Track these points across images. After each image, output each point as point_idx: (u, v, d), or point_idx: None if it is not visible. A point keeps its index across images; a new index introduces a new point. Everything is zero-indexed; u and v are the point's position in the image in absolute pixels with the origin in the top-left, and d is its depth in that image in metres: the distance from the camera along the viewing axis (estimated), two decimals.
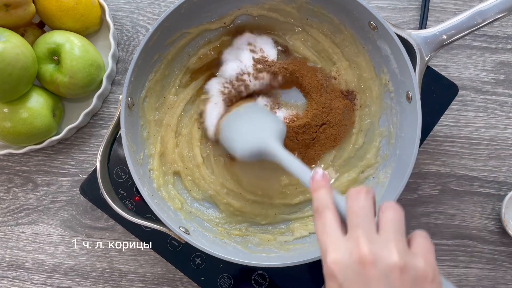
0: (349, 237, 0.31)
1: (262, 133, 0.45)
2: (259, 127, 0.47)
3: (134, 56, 0.46)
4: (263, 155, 0.44)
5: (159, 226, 0.45)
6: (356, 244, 0.30)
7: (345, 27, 0.52)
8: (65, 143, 0.60)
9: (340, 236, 0.31)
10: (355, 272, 0.29)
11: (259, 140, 0.44)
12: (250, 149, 0.45)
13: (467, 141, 0.58)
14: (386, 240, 0.30)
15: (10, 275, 0.58)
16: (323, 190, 0.34)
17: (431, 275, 0.30)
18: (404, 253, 0.30)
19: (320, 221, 0.33)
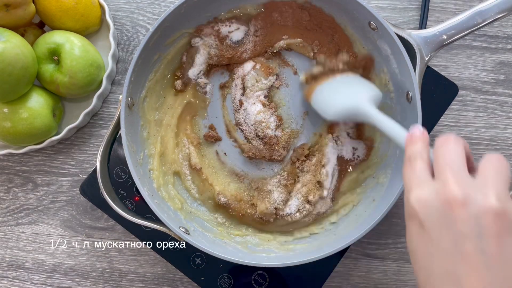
0: (437, 178, 0.28)
1: (357, 94, 0.45)
2: (355, 90, 0.47)
3: (134, 56, 0.46)
4: (356, 115, 0.44)
5: (159, 226, 0.45)
6: (444, 184, 0.27)
7: (345, 27, 0.52)
8: (65, 143, 0.60)
9: (428, 177, 0.29)
10: (440, 211, 0.27)
11: (353, 100, 0.45)
12: (343, 108, 0.45)
13: (467, 141, 0.58)
14: (483, 184, 0.27)
15: (10, 275, 0.58)
16: (420, 143, 0.32)
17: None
18: (504, 199, 0.26)
19: (409, 167, 0.31)
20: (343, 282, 0.56)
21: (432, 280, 0.27)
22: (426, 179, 0.29)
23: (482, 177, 0.28)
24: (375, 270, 0.56)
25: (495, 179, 0.27)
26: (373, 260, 0.57)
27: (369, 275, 0.56)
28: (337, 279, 0.56)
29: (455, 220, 0.26)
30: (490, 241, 0.25)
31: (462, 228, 0.26)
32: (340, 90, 0.48)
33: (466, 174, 0.28)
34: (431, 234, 0.27)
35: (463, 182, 0.27)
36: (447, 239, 0.26)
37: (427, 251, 0.28)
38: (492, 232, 0.25)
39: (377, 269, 0.56)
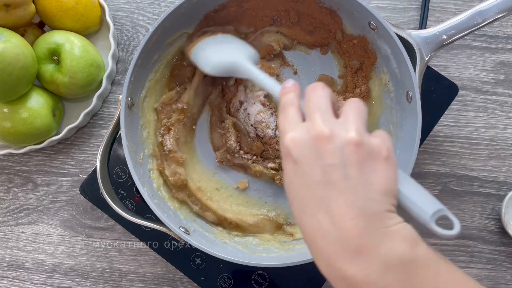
0: (307, 120, 0.32)
1: (236, 52, 0.48)
2: (234, 48, 0.49)
3: (134, 56, 0.46)
4: (233, 70, 0.46)
5: (159, 226, 0.45)
6: (313, 123, 0.31)
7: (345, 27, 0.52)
8: (65, 143, 0.60)
9: (300, 120, 0.32)
10: (310, 146, 0.30)
11: (232, 56, 0.47)
12: (222, 63, 0.47)
13: (467, 141, 0.58)
14: (345, 122, 0.31)
15: (10, 275, 0.58)
16: (292, 92, 0.35)
17: (385, 153, 0.30)
18: (362, 133, 0.30)
19: (283, 114, 0.34)
20: None
21: (306, 208, 0.30)
22: (297, 122, 0.32)
23: (344, 117, 0.31)
24: None
25: (354, 117, 0.31)
26: None
27: None
28: None
29: (323, 153, 0.30)
30: (353, 168, 0.29)
31: (330, 159, 0.29)
32: (221, 47, 0.50)
33: (332, 115, 0.32)
34: (304, 168, 0.30)
35: (329, 121, 0.31)
36: (317, 171, 0.30)
37: (301, 183, 0.31)
38: (354, 160, 0.29)
39: None
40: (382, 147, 0.30)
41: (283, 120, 0.33)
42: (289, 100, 0.34)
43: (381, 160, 0.30)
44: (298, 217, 0.31)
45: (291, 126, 0.32)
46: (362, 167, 0.29)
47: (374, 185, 0.29)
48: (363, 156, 0.30)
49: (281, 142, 0.32)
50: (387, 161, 0.30)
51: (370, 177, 0.29)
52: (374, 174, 0.30)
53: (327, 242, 0.29)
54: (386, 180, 0.30)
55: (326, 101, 0.32)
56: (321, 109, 0.32)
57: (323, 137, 0.30)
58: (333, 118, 0.31)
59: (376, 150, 0.30)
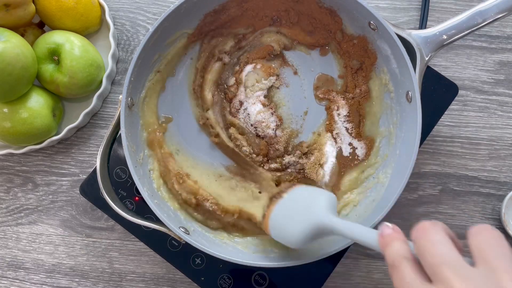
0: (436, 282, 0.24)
1: (311, 210, 0.40)
2: (306, 205, 0.42)
3: (134, 56, 0.46)
4: (320, 233, 0.39)
5: (159, 226, 0.45)
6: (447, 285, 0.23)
7: (345, 27, 0.52)
8: (65, 143, 0.60)
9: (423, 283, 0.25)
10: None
11: (310, 219, 0.40)
12: (305, 233, 0.40)
13: (467, 141, 0.58)
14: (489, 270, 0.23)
15: (10, 275, 0.58)
16: (397, 242, 0.28)
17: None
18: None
19: (397, 274, 0.26)
20: (343, 282, 0.56)
21: None
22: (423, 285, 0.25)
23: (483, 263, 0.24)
24: (375, 270, 0.56)
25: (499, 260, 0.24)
26: (373, 260, 0.56)
27: (369, 275, 0.56)
28: (337, 279, 0.56)
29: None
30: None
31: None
32: (293, 211, 0.43)
33: (465, 265, 0.24)
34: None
35: (466, 276, 0.23)
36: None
37: None
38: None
39: (378, 269, 0.56)
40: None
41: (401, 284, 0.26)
42: (398, 254, 0.27)
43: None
44: None
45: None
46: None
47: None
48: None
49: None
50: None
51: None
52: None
53: None
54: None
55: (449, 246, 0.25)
56: (447, 262, 0.24)
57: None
58: (470, 269, 0.24)
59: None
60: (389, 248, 0.28)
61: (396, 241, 0.28)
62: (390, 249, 0.28)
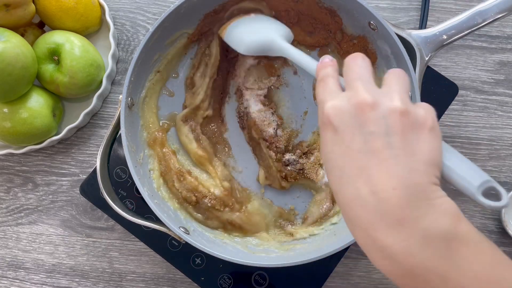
0: (348, 89, 0.31)
1: (270, 30, 0.48)
2: (267, 26, 0.49)
3: (134, 56, 0.46)
4: (268, 49, 0.46)
5: (159, 226, 0.45)
6: (355, 91, 0.30)
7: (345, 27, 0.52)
8: (65, 143, 0.60)
9: (340, 90, 0.32)
10: (352, 115, 0.29)
11: (266, 35, 0.47)
12: (257, 42, 0.47)
13: (467, 141, 0.58)
14: (388, 90, 0.30)
15: (10, 275, 0.58)
16: (330, 67, 0.34)
17: (430, 123, 0.29)
18: (407, 102, 0.29)
19: (321, 85, 0.33)
20: (343, 282, 0.56)
21: (346, 177, 0.29)
22: (338, 91, 0.32)
23: (387, 86, 0.31)
24: (375, 270, 0.56)
25: (398, 86, 0.30)
26: None
27: (369, 275, 0.56)
28: (337, 279, 0.56)
29: (366, 121, 0.29)
30: (396, 137, 0.28)
31: (372, 127, 0.28)
32: (254, 26, 0.50)
33: (374, 84, 0.31)
34: (344, 137, 0.29)
35: (371, 89, 0.30)
36: (359, 139, 0.29)
37: (340, 152, 0.30)
38: (397, 128, 0.28)
39: (377, 269, 0.56)
40: (427, 117, 0.29)
41: (322, 90, 0.32)
42: (327, 73, 0.33)
43: (426, 130, 0.29)
44: (336, 186, 0.30)
45: (331, 95, 0.31)
46: (406, 137, 0.28)
47: (418, 155, 0.28)
48: (407, 126, 0.29)
49: (320, 111, 0.31)
50: (432, 132, 0.29)
51: (414, 147, 0.28)
52: (418, 144, 0.29)
53: (366, 212, 0.28)
54: (431, 151, 0.29)
55: (367, 70, 0.32)
56: (362, 78, 0.31)
57: (365, 105, 0.29)
58: (375, 87, 0.31)
59: (421, 120, 0.29)
60: (322, 70, 0.34)
61: (330, 66, 0.34)
62: (322, 71, 0.34)
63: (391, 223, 0.27)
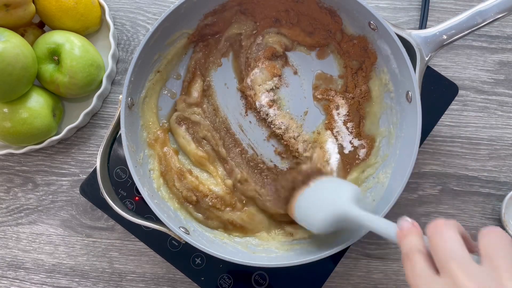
0: (443, 274, 0.26)
1: (336, 199, 0.43)
2: (332, 194, 0.44)
3: (134, 56, 0.46)
4: (342, 222, 0.42)
5: (159, 226, 0.45)
6: (453, 279, 0.25)
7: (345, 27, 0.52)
8: (65, 143, 0.60)
9: (433, 274, 0.27)
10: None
11: (335, 207, 0.42)
12: (328, 219, 0.42)
13: (467, 141, 0.58)
14: (492, 269, 0.25)
15: (10, 275, 0.58)
16: (413, 235, 0.30)
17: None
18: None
19: (409, 264, 0.29)
20: (343, 282, 0.56)
21: None
22: (431, 277, 0.27)
23: (488, 261, 0.26)
24: (375, 270, 0.56)
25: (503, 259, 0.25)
26: (373, 260, 0.57)
27: (369, 275, 0.56)
28: (337, 279, 0.56)
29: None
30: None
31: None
32: (319, 198, 0.45)
33: (471, 262, 0.26)
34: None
35: (471, 272, 0.25)
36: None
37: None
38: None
39: (377, 269, 0.56)
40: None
41: (412, 274, 0.28)
42: (412, 246, 0.29)
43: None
44: None
45: (423, 282, 0.27)
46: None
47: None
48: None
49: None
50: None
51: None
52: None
53: None
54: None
55: (459, 244, 0.27)
56: (456, 258, 0.26)
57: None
58: (475, 266, 0.26)
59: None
60: (405, 240, 0.30)
61: (413, 234, 0.30)
62: (406, 241, 0.30)
63: None
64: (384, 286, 0.56)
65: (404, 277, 0.56)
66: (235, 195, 0.52)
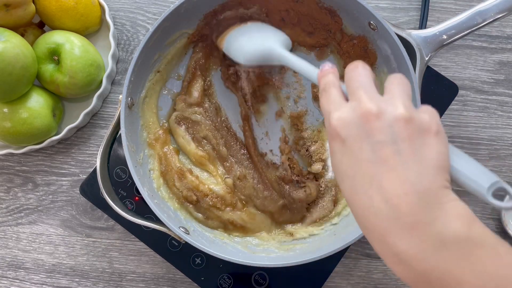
0: (351, 99, 0.31)
1: (268, 39, 0.47)
2: (265, 35, 0.49)
3: (134, 56, 0.46)
4: (268, 58, 0.46)
5: (159, 226, 0.45)
6: (359, 101, 0.30)
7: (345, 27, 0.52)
8: (65, 143, 0.60)
9: (343, 101, 0.32)
10: (358, 125, 0.30)
11: (265, 44, 0.46)
12: (256, 52, 0.47)
13: (467, 141, 0.58)
14: (391, 98, 0.30)
15: (10, 275, 0.58)
16: (331, 74, 0.34)
17: (435, 128, 0.30)
18: (410, 108, 0.30)
19: (325, 95, 0.33)
20: (343, 282, 0.56)
21: (357, 187, 0.30)
22: (342, 102, 0.32)
23: (389, 93, 0.31)
24: (375, 270, 0.56)
25: (400, 93, 0.31)
26: (373, 260, 0.57)
27: (369, 275, 0.56)
28: (337, 279, 0.56)
29: (372, 130, 0.29)
30: (404, 144, 0.29)
31: (379, 136, 0.29)
32: (252, 35, 0.49)
33: (376, 92, 0.31)
34: (352, 147, 0.30)
35: (375, 98, 0.30)
36: (367, 149, 0.29)
37: (350, 162, 0.30)
38: (404, 135, 0.29)
39: (377, 269, 0.56)
40: (432, 121, 0.30)
41: (326, 101, 0.33)
42: (329, 81, 0.34)
43: (432, 134, 0.29)
44: (349, 196, 0.31)
45: (335, 106, 0.31)
46: (413, 143, 0.29)
47: (426, 160, 0.29)
48: (413, 132, 0.29)
49: (327, 123, 0.32)
50: (438, 136, 0.30)
51: (421, 152, 0.29)
52: (425, 149, 0.29)
53: (380, 219, 0.28)
54: (439, 155, 0.29)
55: (369, 78, 0.32)
56: (365, 87, 0.31)
57: (370, 115, 0.29)
58: (378, 95, 0.31)
59: (426, 125, 0.29)
60: (323, 78, 0.35)
61: (331, 74, 0.35)
62: (324, 79, 0.34)
63: (404, 228, 0.27)
64: (384, 286, 0.56)
65: None
66: (235, 194, 0.52)
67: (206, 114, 0.54)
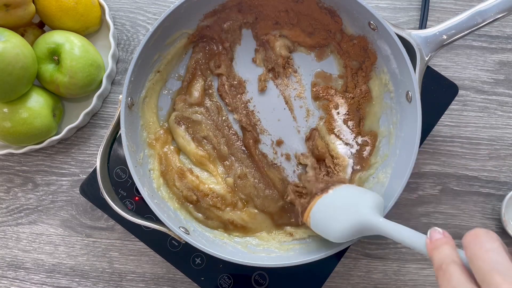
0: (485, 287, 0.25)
1: (358, 208, 0.41)
2: (354, 203, 0.42)
3: (134, 56, 0.46)
4: (363, 231, 0.40)
5: (159, 226, 0.45)
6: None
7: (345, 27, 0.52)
8: (65, 143, 0.60)
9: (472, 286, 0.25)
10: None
11: (356, 216, 0.40)
12: (347, 228, 0.41)
13: (467, 141, 0.58)
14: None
15: (10, 275, 0.58)
16: (446, 246, 0.29)
17: None
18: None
19: (444, 277, 0.27)
20: (343, 282, 0.56)
21: None
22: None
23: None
24: (375, 270, 0.56)
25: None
26: (373, 260, 0.57)
27: (369, 275, 0.56)
28: (337, 279, 0.56)
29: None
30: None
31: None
32: (338, 207, 0.43)
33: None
34: None
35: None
36: None
37: None
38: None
39: (377, 269, 0.56)
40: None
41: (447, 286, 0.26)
42: (446, 257, 0.28)
43: None
44: None
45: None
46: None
47: None
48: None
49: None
50: None
51: None
52: None
53: None
54: None
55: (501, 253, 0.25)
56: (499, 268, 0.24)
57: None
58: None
59: None
60: (437, 251, 0.29)
61: (446, 245, 0.29)
62: (438, 253, 0.28)
63: None
64: (384, 286, 0.56)
65: (404, 277, 0.56)
66: (236, 194, 0.52)
67: (207, 113, 0.54)
